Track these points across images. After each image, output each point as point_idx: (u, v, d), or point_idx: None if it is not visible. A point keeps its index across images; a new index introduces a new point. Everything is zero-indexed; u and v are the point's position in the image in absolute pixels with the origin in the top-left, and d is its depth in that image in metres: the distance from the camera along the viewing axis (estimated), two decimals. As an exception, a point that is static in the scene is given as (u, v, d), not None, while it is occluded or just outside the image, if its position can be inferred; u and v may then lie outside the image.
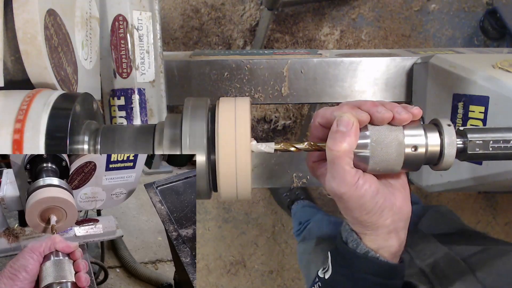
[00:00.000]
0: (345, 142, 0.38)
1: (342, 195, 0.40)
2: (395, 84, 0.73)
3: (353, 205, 0.40)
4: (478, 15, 1.42)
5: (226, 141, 0.40)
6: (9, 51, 0.41)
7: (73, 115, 0.39)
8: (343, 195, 0.40)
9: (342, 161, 0.39)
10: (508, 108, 0.53)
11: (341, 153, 0.39)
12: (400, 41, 1.44)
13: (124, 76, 0.60)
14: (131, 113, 0.61)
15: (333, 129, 0.40)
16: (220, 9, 1.39)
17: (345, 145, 0.38)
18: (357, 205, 0.40)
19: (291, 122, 1.44)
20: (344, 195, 0.39)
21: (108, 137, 0.43)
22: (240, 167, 0.41)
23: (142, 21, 0.61)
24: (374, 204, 0.40)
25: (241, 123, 0.41)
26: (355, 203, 0.40)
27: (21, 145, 0.37)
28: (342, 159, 0.39)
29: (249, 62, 0.72)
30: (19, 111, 0.38)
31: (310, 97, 0.74)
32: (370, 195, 0.40)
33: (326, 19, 1.41)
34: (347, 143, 0.38)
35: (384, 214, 0.41)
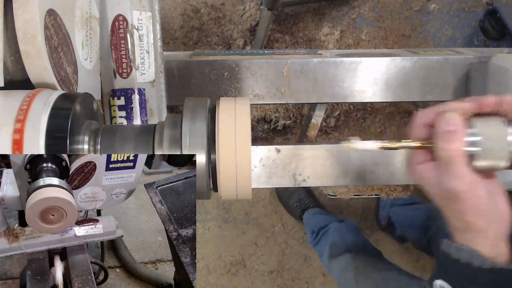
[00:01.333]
0: (458, 140, 0.38)
1: (461, 194, 0.38)
2: (395, 84, 0.73)
3: (470, 207, 0.39)
4: (478, 15, 1.42)
5: (226, 141, 0.40)
6: (9, 51, 0.41)
7: (73, 115, 0.39)
8: (461, 195, 0.38)
9: (458, 160, 0.38)
10: None
11: (457, 152, 0.38)
12: (400, 41, 1.44)
13: (124, 76, 0.60)
14: (131, 113, 0.61)
15: (441, 128, 0.39)
16: (220, 9, 1.39)
17: (459, 144, 0.38)
18: (475, 206, 0.39)
19: (291, 122, 1.44)
20: (463, 194, 0.38)
21: (108, 137, 0.43)
22: (240, 167, 0.41)
23: (142, 21, 0.61)
24: (491, 205, 0.39)
25: (241, 123, 0.41)
26: (473, 204, 0.39)
27: (21, 145, 0.37)
28: (459, 158, 0.38)
29: (249, 62, 0.72)
30: (19, 111, 0.38)
31: (310, 97, 0.74)
32: (488, 195, 0.39)
33: (326, 19, 1.41)
34: (459, 141, 0.38)
35: (497, 217, 0.39)
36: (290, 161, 0.71)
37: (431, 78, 0.73)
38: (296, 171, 0.72)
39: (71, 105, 0.39)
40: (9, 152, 0.37)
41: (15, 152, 0.37)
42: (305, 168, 0.72)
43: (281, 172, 0.72)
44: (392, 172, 0.73)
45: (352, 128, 1.48)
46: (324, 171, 0.72)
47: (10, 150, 0.37)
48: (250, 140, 0.40)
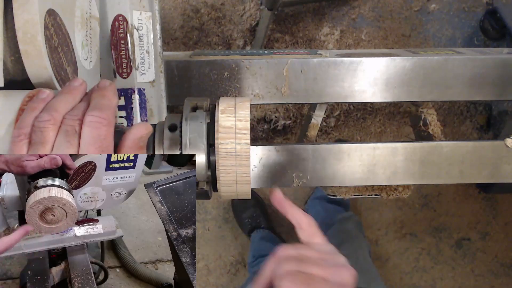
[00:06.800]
0: None
1: None
2: (395, 84, 0.73)
3: None
4: (478, 15, 1.42)
5: (226, 141, 0.40)
6: (9, 51, 0.41)
7: (73, 115, 0.39)
8: None
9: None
10: None
11: None
12: (400, 41, 1.44)
13: (124, 76, 0.60)
14: (131, 113, 0.61)
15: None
16: (220, 9, 1.39)
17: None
18: None
19: (291, 122, 1.44)
20: None
21: (108, 137, 0.43)
22: (240, 167, 0.41)
23: (142, 21, 0.61)
24: None
25: (241, 123, 0.41)
26: None
27: (21, 145, 0.37)
28: None
29: (249, 62, 0.72)
30: (19, 111, 0.38)
31: (310, 97, 0.74)
32: None
33: (326, 19, 1.41)
34: None
35: None
36: (290, 161, 0.71)
37: (431, 78, 0.73)
38: (296, 171, 0.72)
39: (71, 105, 0.39)
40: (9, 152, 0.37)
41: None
42: (305, 168, 0.72)
43: (281, 172, 0.72)
44: (392, 172, 0.73)
45: (352, 128, 1.48)
46: (324, 171, 0.72)
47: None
48: (250, 140, 0.40)
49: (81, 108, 0.38)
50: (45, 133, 0.35)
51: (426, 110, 0.83)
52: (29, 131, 0.36)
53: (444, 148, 0.73)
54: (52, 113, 0.36)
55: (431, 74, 0.73)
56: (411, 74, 0.73)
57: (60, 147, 0.35)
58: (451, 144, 0.73)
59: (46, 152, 0.35)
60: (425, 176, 0.73)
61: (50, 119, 0.36)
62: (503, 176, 0.74)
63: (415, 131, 0.88)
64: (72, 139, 0.36)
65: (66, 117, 0.36)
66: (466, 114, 1.47)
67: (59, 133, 0.36)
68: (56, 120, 0.36)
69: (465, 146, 0.73)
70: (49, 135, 0.36)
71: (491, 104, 1.44)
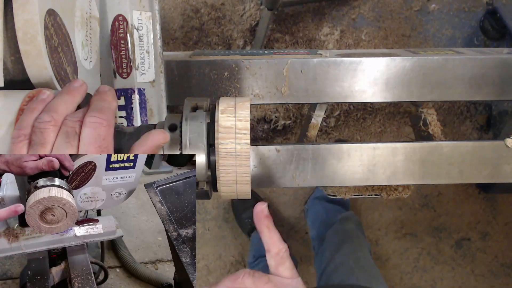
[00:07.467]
0: None
1: None
2: (395, 84, 0.73)
3: None
4: (478, 15, 1.42)
5: (226, 141, 0.40)
6: (9, 51, 0.41)
7: (73, 115, 0.39)
8: None
9: None
10: None
11: None
12: (400, 41, 1.44)
13: (124, 76, 0.60)
14: (131, 113, 0.61)
15: None
16: (220, 9, 1.39)
17: None
18: None
19: (291, 122, 1.44)
20: None
21: (108, 137, 0.43)
22: (239, 167, 0.41)
23: (142, 21, 0.61)
24: None
25: (241, 123, 0.41)
26: None
27: (21, 145, 0.37)
28: None
29: (249, 62, 0.72)
30: (19, 111, 0.38)
31: (310, 97, 0.74)
32: None
33: (326, 19, 1.41)
34: None
35: None
36: (290, 161, 0.71)
37: (431, 78, 0.73)
38: (296, 171, 0.72)
39: (71, 105, 0.39)
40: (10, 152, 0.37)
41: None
42: (305, 168, 0.72)
43: (281, 172, 0.72)
44: (392, 172, 0.73)
45: (352, 128, 1.48)
46: (324, 171, 0.72)
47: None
48: (250, 140, 0.40)
49: (81, 111, 0.38)
50: (45, 134, 0.35)
51: (426, 110, 0.83)
52: (29, 131, 0.36)
53: (444, 148, 0.73)
54: (52, 114, 0.36)
55: (431, 74, 0.73)
56: (411, 74, 0.73)
57: (60, 148, 0.36)
58: (451, 144, 0.73)
59: (46, 152, 0.35)
60: (425, 176, 0.73)
61: (50, 120, 0.36)
62: (503, 176, 0.74)
63: (415, 131, 0.88)
64: (72, 140, 0.36)
65: (67, 119, 0.37)
66: (466, 114, 1.47)
67: (59, 134, 0.36)
68: (57, 121, 0.36)
69: (465, 146, 0.73)
70: (49, 136, 0.36)
71: (491, 104, 1.44)
